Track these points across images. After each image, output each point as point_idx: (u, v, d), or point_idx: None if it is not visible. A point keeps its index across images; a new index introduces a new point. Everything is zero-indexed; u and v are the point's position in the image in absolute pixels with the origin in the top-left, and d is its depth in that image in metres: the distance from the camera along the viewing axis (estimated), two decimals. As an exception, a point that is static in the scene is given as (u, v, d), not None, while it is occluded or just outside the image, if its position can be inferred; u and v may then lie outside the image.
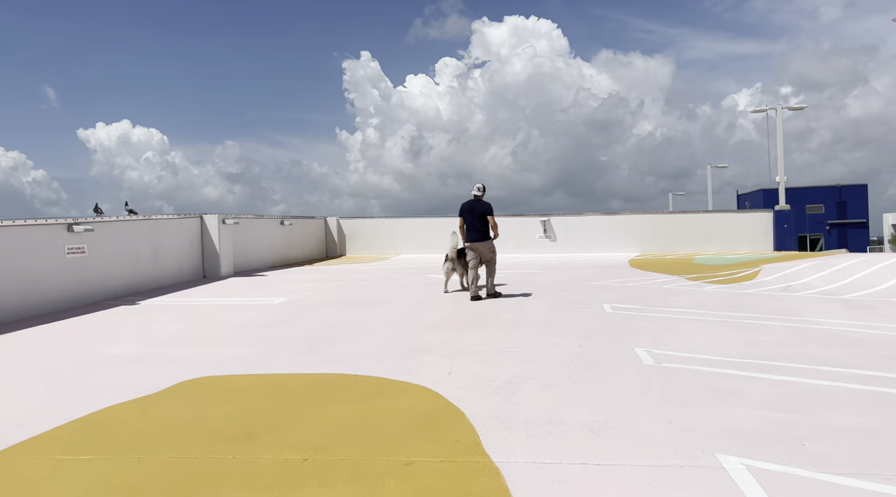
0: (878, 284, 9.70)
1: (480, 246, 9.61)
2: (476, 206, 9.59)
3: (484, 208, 9.55)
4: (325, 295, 10.41)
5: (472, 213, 9.58)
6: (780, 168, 20.49)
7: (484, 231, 9.59)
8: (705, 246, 19.97)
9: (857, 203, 47.18)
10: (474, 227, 9.57)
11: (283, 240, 17.35)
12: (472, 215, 9.58)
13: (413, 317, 8.06)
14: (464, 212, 9.70)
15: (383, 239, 20.99)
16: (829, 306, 8.20)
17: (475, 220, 9.55)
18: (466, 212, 9.66)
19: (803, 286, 10.10)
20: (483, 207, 9.55)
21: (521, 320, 7.64)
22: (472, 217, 9.58)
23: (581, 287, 10.81)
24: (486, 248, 9.66)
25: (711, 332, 6.65)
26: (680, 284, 10.87)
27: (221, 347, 6.43)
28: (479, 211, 9.55)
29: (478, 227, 9.56)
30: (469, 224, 9.64)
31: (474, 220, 9.55)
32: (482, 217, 9.53)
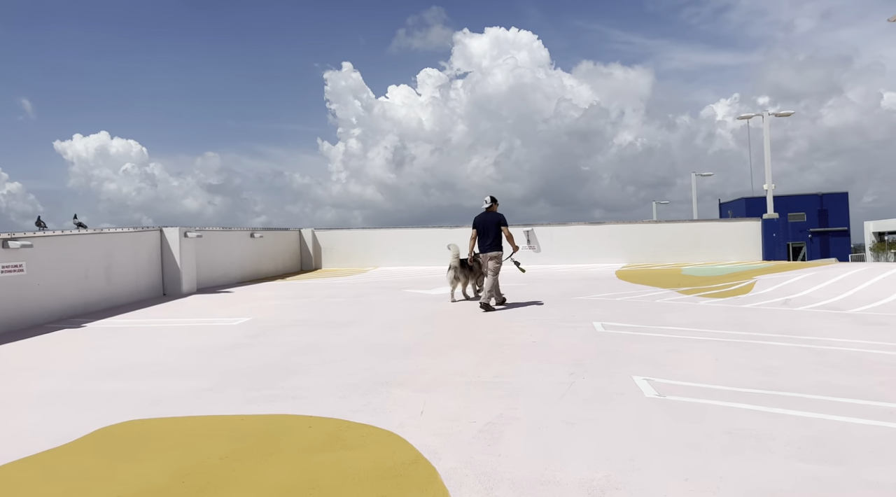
0: (882, 297, 9.12)
1: (492, 255, 9.74)
2: (489, 218, 9.79)
3: (497, 219, 9.75)
4: (292, 314, 9.60)
5: (486, 224, 9.77)
6: (767, 176, 20.06)
7: (497, 242, 9.73)
8: (693, 256, 19.44)
9: (838, 211, 47.23)
10: (487, 237, 9.74)
11: (253, 253, 16.48)
12: (485, 226, 9.78)
13: (386, 339, 7.30)
14: (477, 223, 9.90)
15: (361, 251, 20.19)
16: (837, 323, 7.56)
17: (488, 231, 9.73)
18: (479, 223, 9.86)
19: (803, 300, 9.49)
20: (496, 218, 9.76)
21: (505, 342, 6.91)
22: (485, 228, 9.78)
23: (568, 302, 10.12)
24: (496, 258, 9.73)
25: (716, 356, 5.96)
26: (673, 298, 10.21)
27: (163, 380, 5.62)
28: (492, 222, 9.75)
29: (491, 238, 9.72)
30: (482, 235, 9.81)
31: (487, 231, 9.74)
32: (496, 227, 9.72)
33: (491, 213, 9.84)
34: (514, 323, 8.20)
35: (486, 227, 9.76)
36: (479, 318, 8.69)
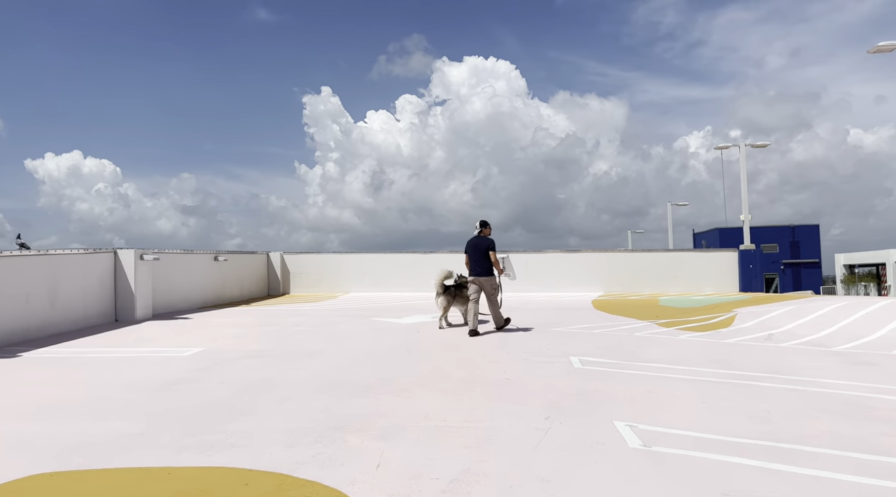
0: (867, 334, 8.80)
1: (483, 281, 9.87)
2: (479, 243, 9.91)
3: (486, 244, 9.85)
4: (249, 344, 8.96)
5: (476, 249, 9.89)
6: (743, 207, 20.00)
7: (487, 266, 9.85)
8: (669, 286, 19.18)
9: (810, 243, 47.83)
10: (478, 262, 9.87)
11: (216, 277, 15.77)
12: (475, 251, 9.89)
13: (347, 374, 6.72)
14: (468, 248, 10.02)
15: (331, 276, 19.56)
16: (824, 361, 7.19)
17: (478, 256, 9.85)
18: (470, 248, 9.98)
19: (786, 335, 9.15)
20: (485, 243, 9.87)
21: (476, 379, 6.39)
22: (475, 253, 9.89)
23: (544, 334, 9.64)
24: (489, 283, 9.89)
25: (703, 398, 5.51)
26: (652, 332, 9.80)
27: (91, 422, 4.98)
28: (481, 247, 9.86)
29: (481, 263, 9.85)
30: (473, 259, 9.93)
31: (478, 256, 9.86)
32: (485, 253, 9.82)
33: (481, 238, 9.93)
34: (488, 357, 7.69)
35: (476, 252, 9.88)
36: (449, 351, 8.16)
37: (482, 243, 9.84)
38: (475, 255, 9.86)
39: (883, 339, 8.51)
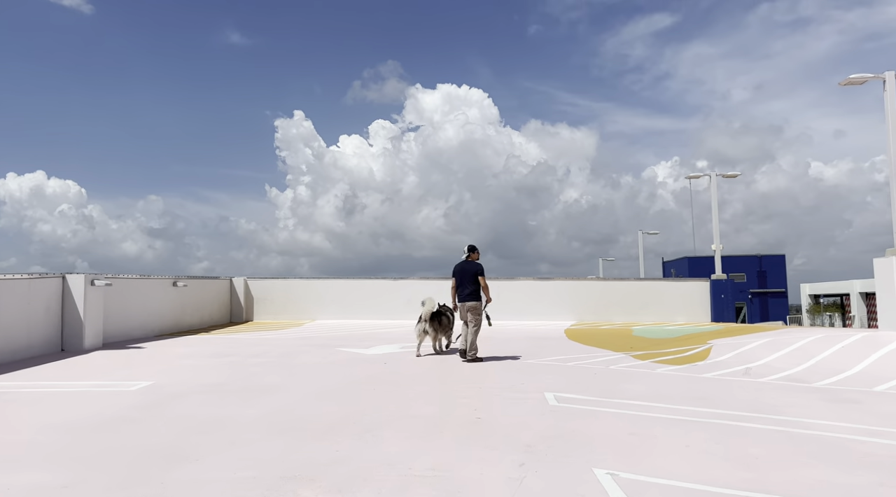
0: (844, 369, 8.61)
1: (470, 305, 9.74)
2: (467, 267, 9.84)
3: (475, 269, 9.79)
4: (204, 376, 8.40)
5: (464, 274, 9.80)
6: (714, 236, 20.04)
7: (475, 291, 9.75)
8: (641, 315, 19.01)
9: (776, 273, 48.52)
10: (465, 287, 9.77)
11: (175, 304, 15.10)
12: (463, 276, 9.80)
13: (307, 413, 6.23)
14: (456, 272, 9.93)
15: (297, 302, 18.97)
16: (806, 399, 6.93)
17: (466, 281, 9.77)
18: (458, 272, 9.88)
19: (764, 369, 8.91)
20: (474, 268, 9.80)
21: (446, 418, 5.96)
22: (462, 277, 9.80)
23: (517, 366, 9.26)
24: (475, 308, 9.75)
25: (686, 441, 5.16)
26: (628, 364, 9.49)
27: (11, 473, 4.42)
28: (469, 272, 9.79)
29: (469, 287, 9.75)
30: (461, 284, 9.82)
31: (465, 281, 9.77)
32: (473, 277, 9.75)
33: (469, 263, 9.85)
34: (458, 392, 7.26)
35: (463, 276, 9.79)
36: (418, 385, 7.72)
37: (470, 268, 9.80)
38: (463, 280, 9.78)
39: (862, 374, 8.32)
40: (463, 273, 9.82)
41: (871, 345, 9.67)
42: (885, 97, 10.71)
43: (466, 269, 9.81)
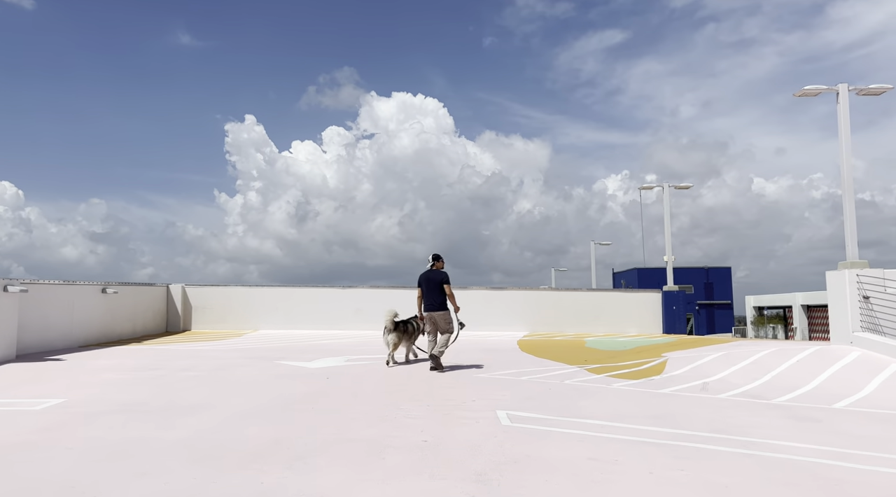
0: (802, 384, 8.42)
1: (437, 315, 9.68)
2: (432, 276, 9.76)
3: (440, 278, 9.71)
4: (123, 393, 7.61)
5: (429, 283, 9.73)
6: (667, 247, 20.06)
7: (441, 301, 9.67)
8: (594, 326, 18.83)
9: (723, 285, 49.60)
10: (431, 296, 9.70)
11: (104, 312, 14.05)
12: (428, 285, 9.73)
13: (233, 436, 5.57)
14: (421, 282, 9.85)
15: (239, 311, 18.06)
16: (768, 417, 6.64)
17: (431, 290, 9.69)
18: (423, 282, 9.81)
19: (722, 384, 8.65)
20: (439, 277, 9.72)
21: (389, 441, 5.40)
22: (428, 287, 9.73)
23: (468, 381, 8.76)
24: (442, 318, 9.70)
25: (650, 466, 4.74)
26: (583, 379, 9.10)
27: None
28: (434, 281, 9.71)
29: (435, 297, 9.68)
30: (426, 293, 9.75)
31: (431, 290, 9.70)
32: (438, 286, 9.68)
33: (434, 272, 9.79)
34: (404, 411, 6.71)
35: (429, 286, 9.73)
36: (361, 403, 7.12)
37: (435, 277, 9.72)
38: (429, 289, 9.72)
39: (819, 390, 8.13)
40: (428, 282, 9.75)
41: (824, 359, 9.56)
42: (837, 110, 10.73)
43: (432, 279, 9.74)
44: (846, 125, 10.77)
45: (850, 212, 10.59)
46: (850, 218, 10.59)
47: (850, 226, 10.57)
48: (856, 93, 10.84)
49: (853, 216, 10.58)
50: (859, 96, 10.89)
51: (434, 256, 9.89)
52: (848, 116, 10.79)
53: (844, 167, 10.66)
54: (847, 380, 8.48)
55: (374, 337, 16.23)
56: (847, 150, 10.63)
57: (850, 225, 10.58)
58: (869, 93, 10.79)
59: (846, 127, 10.76)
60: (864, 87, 10.73)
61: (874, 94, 10.88)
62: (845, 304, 10.30)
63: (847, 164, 10.62)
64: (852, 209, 10.59)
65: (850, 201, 10.60)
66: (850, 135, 10.71)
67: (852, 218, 10.59)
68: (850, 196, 10.63)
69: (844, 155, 10.65)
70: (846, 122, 10.76)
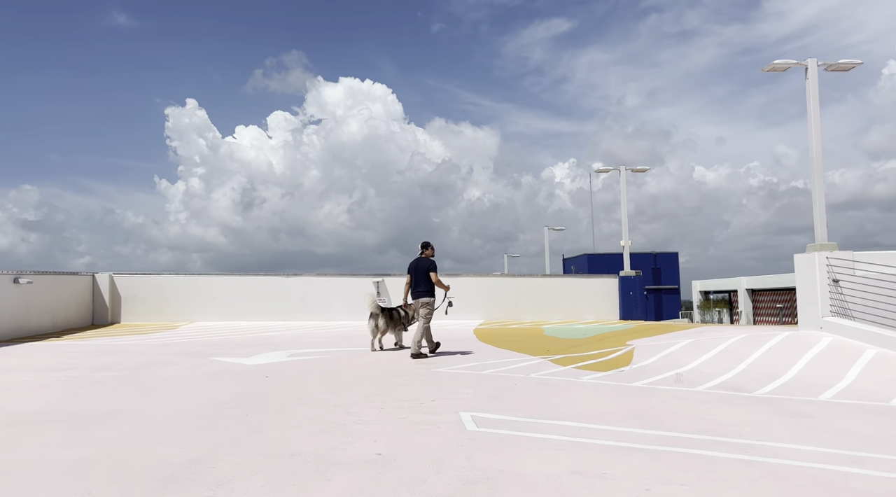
0: (779, 374, 7.94)
1: (423, 301, 9.78)
2: (420, 264, 9.90)
3: (427, 265, 9.84)
4: (24, 399, 6.48)
5: (417, 271, 9.88)
6: (623, 232, 19.69)
7: (427, 289, 9.80)
8: (551, 313, 18.31)
9: (670, 270, 50.24)
10: (419, 283, 9.83)
11: (17, 304, 12.62)
12: (416, 273, 9.88)
13: (145, 454, 4.60)
14: (410, 270, 10.00)
15: (174, 302, 16.74)
16: (754, 413, 6.07)
17: (419, 278, 9.83)
18: (412, 269, 9.96)
19: (696, 375, 8.10)
20: (426, 264, 9.85)
21: (335, 456, 4.53)
22: (416, 274, 9.87)
23: (425, 376, 7.95)
24: (428, 304, 9.80)
25: (645, 482, 4.03)
26: (549, 372, 8.42)
27: None
28: (422, 268, 9.85)
29: (423, 284, 9.81)
30: (415, 280, 9.89)
31: (418, 278, 9.83)
32: (426, 274, 9.80)
33: (422, 259, 9.92)
34: (354, 415, 5.84)
35: (417, 273, 9.85)
36: (304, 406, 6.22)
37: (423, 264, 9.85)
38: (417, 276, 9.83)
39: (798, 380, 7.65)
40: (416, 270, 9.87)
41: (797, 346, 9.15)
42: (807, 85, 10.30)
43: (419, 266, 9.86)
44: (815, 102, 10.36)
45: (818, 192, 10.21)
46: (819, 198, 10.21)
47: (818, 206, 10.19)
48: (824, 68, 10.44)
49: (822, 196, 10.21)
50: (827, 72, 10.49)
51: (423, 244, 10.03)
52: (817, 92, 10.38)
53: (813, 146, 10.25)
54: (824, 368, 8.05)
55: (321, 328, 15.24)
56: (816, 128, 10.23)
57: (818, 206, 10.20)
58: (838, 68, 10.40)
59: (815, 103, 10.36)
60: (833, 63, 10.34)
61: (843, 70, 10.51)
62: (815, 288, 9.93)
63: (816, 142, 10.21)
64: (821, 189, 10.21)
65: (819, 181, 10.21)
66: (819, 112, 10.32)
67: (821, 198, 10.22)
68: (818, 175, 10.24)
69: (813, 133, 10.24)
70: (815, 99, 10.36)
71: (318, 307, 17.02)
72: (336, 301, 17.22)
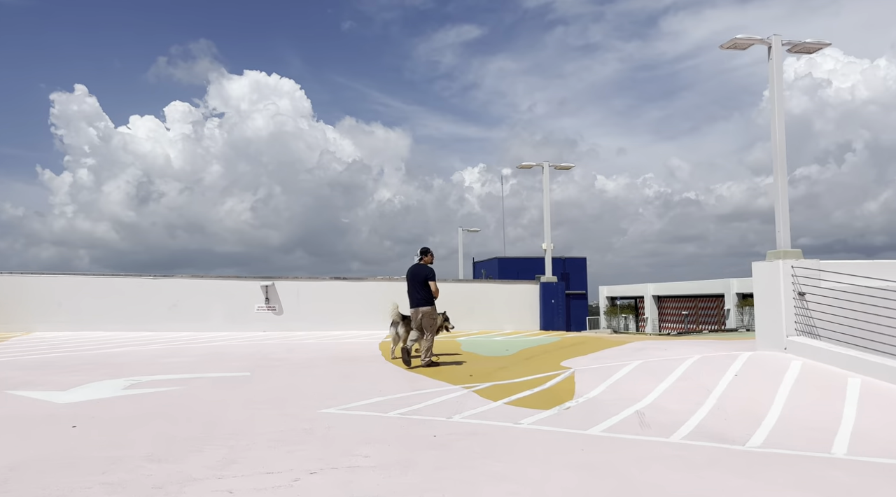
0: (762, 412, 6.34)
1: (423, 310, 9.39)
2: (418, 271, 9.49)
3: (425, 273, 9.44)
4: None
5: (414, 279, 9.50)
6: (546, 233, 18.19)
7: (425, 297, 9.43)
8: (466, 322, 16.39)
9: (578, 275, 50.05)
10: (416, 292, 9.45)
11: None
12: (413, 280, 9.51)
13: None
14: (408, 277, 9.65)
15: (6, 307, 13.49)
16: (774, 484, 4.31)
17: (416, 286, 9.46)
18: (410, 277, 9.60)
19: (661, 414, 6.36)
20: (424, 272, 9.44)
21: None
22: (413, 282, 9.49)
23: (310, 424, 5.73)
24: (428, 314, 9.41)
25: None
26: (477, 410, 6.41)
27: None
28: (419, 276, 9.44)
29: (419, 293, 9.43)
30: (411, 289, 9.52)
31: (416, 285, 9.46)
32: (423, 282, 9.40)
33: (420, 267, 9.52)
34: None
35: (413, 281, 9.48)
36: (104, 491, 3.86)
37: (421, 272, 9.43)
38: (414, 285, 9.46)
39: (789, 422, 6.05)
40: (414, 277, 9.48)
41: (765, 373, 7.68)
42: (770, 65, 8.93)
43: (417, 274, 9.45)
44: (779, 82, 8.99)
45: (781, 187, 8.82)
46: (783, 193, 8.82)
47: (781, 205, 8.79)
48: (787, 49, 9.14)
49: (785, 193, 8.83)
50: (791, 52, 9.18)
51: (422, 250, 9.62)
52: (782, 71, 9.04)
53: (777, 131, 8.86)
54: (811, 404, 6.54)
55: (193, 341, 12.55)
56: (780, 111, 8.84)
57: (781, 204, 8.79)
58: (803, 49, 9.15)
59: (779, 84, 8.99)
60: (799, 43, 9.05)
61: (808, 52, 9.28)
62: (779, 302, 8.53)
63: (779, 127, 8.83)
64: (784, 184, 8.82)
65: (782, 174, 8.82)
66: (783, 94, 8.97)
67: (784, 194, 8.83)
68: (781, 167, 8.83)
69: (777, 117, 8.85)
70: (779, 79, 8.99)
71: (192, 315, 14.30)
72: (215, 308, 14.56)
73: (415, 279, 9.45)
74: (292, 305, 15.03)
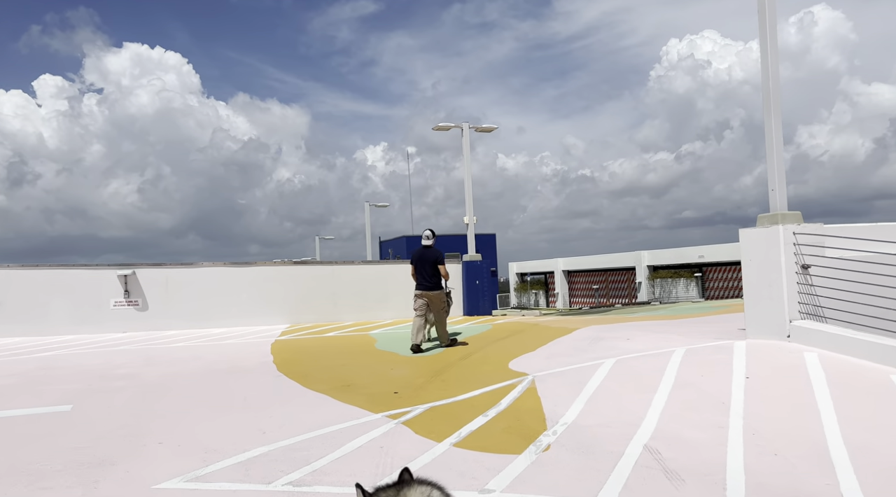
0: (820, 440, 4.50)
1: (432, 295, 9.19)
2: (426, 255, 9.28)
3: (434, 256, 9.24)
4: None
5: (423, 262, 9.25)
6: (468, 207, 16.11)
7: (435, 281, 9.23)
8: (379, 311, 14.16)
9: (488, 251, 48.74)
10: (425, 275, 9.21)
11: None
12: (422, 264, 9.25)
13: None
14: (414, 260, 9.41)
15: None
16: None
17: (426, 269, 9.22)
18: (417, 260, 9.34)
19: (681, 452, 4.37)
20: (433, 256, 9.25)
21: None
22: (422, 265, 9.25)
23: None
24: (438, 297, 9.22)
25: None
26: (417, 467, 4.14)
27: None
28: (429, 259, 9.22)
29: (429, 276, 9.21)
30: (419, 272, 9.26)
31: (425, 269, 9.22)
32: (433, 265, 9.20)
33: (428, 250, 9.27)
34: None
35: (422, 264, 9.20)
36: None
37: (430, 255, 9.20)
38: (422, 268, 9.19)
39: (879, 456, 4.21)
40: (422, 261, 9.20)
41: (781, 373, 5.93)
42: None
43: (425, 257, 9.19)
44: (773, 28, 7.20)
45: (776, 139, 7.08)
46: (777, 148, 7.08)
47: (777, 159, 7.06)
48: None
49: (780, 146, 7.11)
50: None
51: (431, 232, 9.38)
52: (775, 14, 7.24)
53: (771, 81, 7.09)
54: (878, 423, 4.76)
55: (20, 349, 9.35)
56: (774, 57, 7.07)
57: (777, 157, 7.06)
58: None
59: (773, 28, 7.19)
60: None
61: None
62: (779, 278, 6.82)
63: (773, 76, 7.06)
64: (779, 136, 7.10)
65: (778, 127, 7.08)
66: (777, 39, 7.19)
67: (779, 148, 7.10)
68: (776, 115, 7.07)
69: (770, 61, 7.07)
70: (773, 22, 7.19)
71: (23, 315, 11.08)
72: (56, 305, 11.39)
73: (423, 262, 9.18)
74: (160, 298, 12.06)
